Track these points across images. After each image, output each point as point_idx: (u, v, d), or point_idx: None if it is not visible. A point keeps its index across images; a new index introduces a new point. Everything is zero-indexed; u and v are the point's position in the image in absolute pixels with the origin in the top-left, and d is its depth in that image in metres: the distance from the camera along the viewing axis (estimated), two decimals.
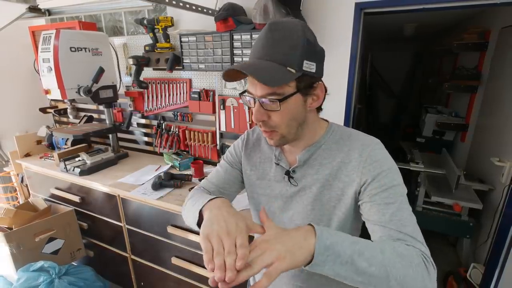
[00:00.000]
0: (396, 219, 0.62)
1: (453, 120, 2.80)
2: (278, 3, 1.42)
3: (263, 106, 0.65)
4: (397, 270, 0.53)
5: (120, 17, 2.10)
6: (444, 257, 2.48)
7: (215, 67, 1.70)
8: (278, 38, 0.62)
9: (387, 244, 0.57)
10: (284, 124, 0.67)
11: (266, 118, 0.66)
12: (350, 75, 1.53)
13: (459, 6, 1.33)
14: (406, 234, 0.61)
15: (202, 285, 1.58)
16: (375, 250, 0.54)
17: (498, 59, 2.21)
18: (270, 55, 0.62)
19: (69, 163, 1.90)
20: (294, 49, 0.62)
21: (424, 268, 0.55)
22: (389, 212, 0.63)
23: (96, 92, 1.87)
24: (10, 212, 1.85)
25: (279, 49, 0.62)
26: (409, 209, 0.66)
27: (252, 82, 0.65)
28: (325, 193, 0.72)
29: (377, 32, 3.78)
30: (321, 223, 0.73)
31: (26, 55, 2.42)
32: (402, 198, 0.66)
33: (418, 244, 0.60)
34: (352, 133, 0.76)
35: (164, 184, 1.65)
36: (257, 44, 0.65)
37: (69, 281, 1.68)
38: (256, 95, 0.65)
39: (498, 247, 1.61)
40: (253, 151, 0.86)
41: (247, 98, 0.69)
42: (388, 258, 0.53)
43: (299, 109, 0.67)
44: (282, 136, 0.69)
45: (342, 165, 0.71)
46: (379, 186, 0.66)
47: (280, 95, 0.63)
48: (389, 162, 0.69)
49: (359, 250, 0.53)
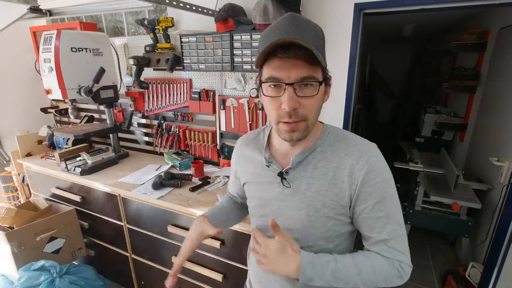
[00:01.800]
0: (385, 231, 0.67)
1: (452, 120, 2.81)
2: (278, 4, 1.43)
3: (296, 93, 0.60)
4: (371, 283, 0.66)
5: (120, 17, 2.11)
6: (443, 256, 2.49)
7: (215, 67, 1.70)
8: (306, 26, 0.60)
9: (367, 261, 0.67)
10: (313, 113, 0.63)
11: (297, 105, 0.61)
12: (350, 75, 1.54)
13: (458, 6, 1.34)
14: (390, 246, 0.67)
15: (202, 284, 1.59)
16: (352, 273, 0.65)
17: (497, 59, 2.22)
18: (302, 38, 0.56)
19: (70, 163, 1.91)
20: (319, 38, 0.61)
21: (397, 275, 0.67)
22: (379, 226, 0.68)
23: (97, 92, 1.88)
24: (12, 212, 1.86)
25: (308, 34, 0.58)
26: (398, 220, 0.68)
27: (281, 66, 0.59)
28: (320, 199, 0.70)
29: (376, 32, 3.78)
30: (315, 230, 0.72)
31: (27, 56, 2.43)
32: (393, 208, 0.68)
33: (399, 255, 0.68)
34: (348, 136, 0.74)
35: (165, 183, 1.66)
36: (282, 26, 0.59)
37: (70, 280, 1.68)
38: (289, 79, 0.59)
39: (497, 246, 1.62)
40: (245, 158, 0.86)
41: (269, 89, 0.63)
42: (365, 276, 0.65)
43: (322, 100, 0.65)
44: (307, 127, 0.65)
45: (338, 170, 0.69)
46: (372, 197, 0.66)
47: (317, 79, 0.60)
48: (385, 172, 0.68)
49: (338, 277, 0.65)
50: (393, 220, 0.67)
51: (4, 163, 2.46)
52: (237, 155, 0.89)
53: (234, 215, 0.99)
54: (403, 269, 0.68)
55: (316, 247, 0.73)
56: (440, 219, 2.19)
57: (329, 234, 0.72)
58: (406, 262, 0.68)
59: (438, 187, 2.20)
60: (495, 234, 1.67)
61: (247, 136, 0.89)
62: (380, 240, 0.68)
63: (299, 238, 0.74)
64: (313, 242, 0.73)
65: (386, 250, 0.67)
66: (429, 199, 2.16)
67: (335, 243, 0.74)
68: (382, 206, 0.66)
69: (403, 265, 0.67)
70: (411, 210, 2.25)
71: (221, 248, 1.42)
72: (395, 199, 0.69)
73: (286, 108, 0.60)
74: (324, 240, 0.73)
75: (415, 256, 2.47)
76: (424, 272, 2.30)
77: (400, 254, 0.68)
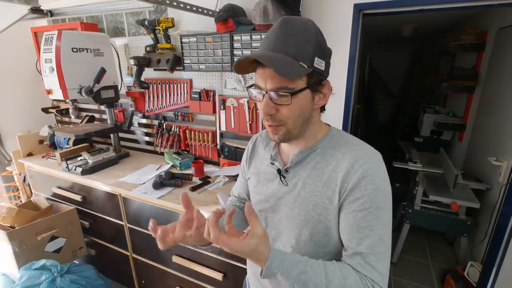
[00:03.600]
0: (364, 244, 0.63)
1: (450, 120, 2.82)
2: (277, 4, 1.44)
3: (272, 100, 0.64)
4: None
5: (121, 18, 2.12)
6: (442, 255, 2.51)
7: (215, 67, 1.71)
8: (292, 33, 0.62)
9: (339, 273, 0.61)
10: (291, 119, 0.66)
11: (274, 112, 0.65)
12: (349, 75, 1.55)
13: (457, 7, 1.35)
14: (367, 262, 0.62)
15: (202, 283, 1.60)
16: (321, 281, 0.60)
17: (496, 59, 2.23)
18: (283, 48, 0.61)
19: (71, 163, 1.92)
20: (307, 45, 0.62)
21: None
22: (358, 236, 0.64)
23: (98, 92, 1.89)
24: (13, 211, 1.87)
25: (292, 43, 0.61)
26: (381, 236, 0.63)
27: (262, 75, 0.64)
28: (312, 199, 0.70)
29: (376, 33, 3.80)
30: (305, 230, 0.71)
31: (28, 56, 2.44)
32: (379, 223, 0.63)
33: (375, 275, 0.62)
34: (350, 140, 0.72)
35: (165, 183, 1.67)
36: (269, 37, 0.64)
37: (71, 279, 1.69)
38: (266, 88, 0.64)
39: (495, 245, 1.63)
40: (257, 153, 0.87)
41: (254, 93, 0.68)
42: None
43: (307, 105, 0.67)
44: (288, 131, 0.68)
45: (333, 173, 0.68)
46: (359, 204, 0.64)
47: (291, 89, 0.62)
48: (380, 182, 0.65)
49: (304, 281, 0.59)
50: (375, 235, 0.63)
51: (6, 162, 2.46)
52: (251, 149, 0.90)
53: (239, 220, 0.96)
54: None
55: (304, 248, 0.73)
56: (439, 218, 2.20)
57: (318, 238, 0.71)
58: (381, 285, 0.62)
59: (437, 187, 2.21)
60: (494, 234, 1.68)
61: (263, 133, 0.90)
62: (357, 253, 0.63)
63: (288, 235, 0.75)
64: (302, 242, 0.73)
65: (363, 265, 0.62)
66: (428, 198, 2.16)
67: (325, 250, 0.72)
68: (368, 216, 0.63)
69: (376, 286, 0.61)
70: (410, 209, 2.26)
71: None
72: (386, 214, 0.64)
73: (261, 113, 0.67)
74: (313, 243, 0.72)
75: (414, 256, 2.49)
76: (423, 271, 2.31)
77: (377, 273, 0.62)
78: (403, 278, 2.24)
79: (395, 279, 2.23)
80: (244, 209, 0.58)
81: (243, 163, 0.93)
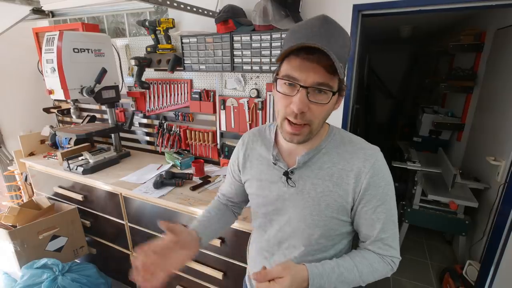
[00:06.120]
0: (384, 231, 0.72)
1: (449, 120, 2.83)
2: (277, 5, 1.45)
3: (308, 96, 0.60)
4: (370, 280, 0.72)
5: (122, 18, 2.13)
6: (440, 254, 2.52)
7: (215, 68, 1.72)
8: (334, 32, 0.59)
9: (365, 261, 0.71)
10: (318, 119, 0.64)
11: (307, 109, 0.61)
12: (348, 76, 1.56)
13: (455, 8, 1.36)
14: (386, 244, 0.73)
15: (202, 282, 1.61)
16: (355, 275, 0.69)
17: (494, 60, 2.25)
18: (327, 45, 0.55)
19: (72, 162, 1.93)
20: (344, 49, 0.60)
21: (391, 269, 0.74)
22: (379, 226, 0.72)
23: (99, 92, 1.90)
24: (14, 210, 1.88)
25: (335, 43, 0.57)
26: (394, 220, 0.74)
27: (302, 67, 0.58)
28: (324, 199, 0.71)
29: (375, 33, 3.81)
30: (317, 229, 0.73)
31: (30, 56, 2.45)
32: (392, 210, 0.73)
33: (392, 251, 0.74)
34: (353, 139, 0.75)
35: (166, 182, 1.68)
36: (311, 28, 0.59)
37: (72, 278, 1.70)
38: (305, 82, 0.59)
39: (494, 244, 1.64)
40: (253, 153, 0.84)
41: (283, 85, 0.62)
42: (365, 276, 0.70)
43: (331, 108, 0.65)
44: (310, 131, 0.65)
45: (343, 172, 0.70)
46: (376, 200, 0.70)
47: (331, 88, 0.60)
48: (388, 176, 0.72)
49: (343, 281, 0.68)
50: (390, 221, 0.72)
51: (7, 162, 2.48)
52: (245, 149, 0.86)
53: (226, 217, 0.97)
54: (394, 263, 0.74)
55: (316, 245, 0.75)
56: (437, 217, 2.22)
57: (330, 233, 0.74)
58: (397, 256, 0.75)
59: (435, 186, 2.22)
60: (492, 233, 1.69)
61: (254, 131, 0.87)
62: (378, 239, 0.72)
63: (299, 236, 0.76)
64: (314, 240, 0.75)
65: (382, 248, 0.73)
66: (427, 198, 2.17)
67: (334, 241, 0.76)
68: (384, 208, 0.70)
69: (394, 260, 0.74)
70: (409, 209, 2.28)
71: (222, 246, 1.44)
72: (394, 201, 0.74)
73: (294, 109, 0.60)
74: (324, 239, 0.75)
75: (413, 255, 2.50)
76: (422, 270, 2.33)
77: (392, 250, 0.74)
78: (402, 276, 2.25)
79: (393, 278, 2.24)
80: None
81: (234, 166, 0.91)
